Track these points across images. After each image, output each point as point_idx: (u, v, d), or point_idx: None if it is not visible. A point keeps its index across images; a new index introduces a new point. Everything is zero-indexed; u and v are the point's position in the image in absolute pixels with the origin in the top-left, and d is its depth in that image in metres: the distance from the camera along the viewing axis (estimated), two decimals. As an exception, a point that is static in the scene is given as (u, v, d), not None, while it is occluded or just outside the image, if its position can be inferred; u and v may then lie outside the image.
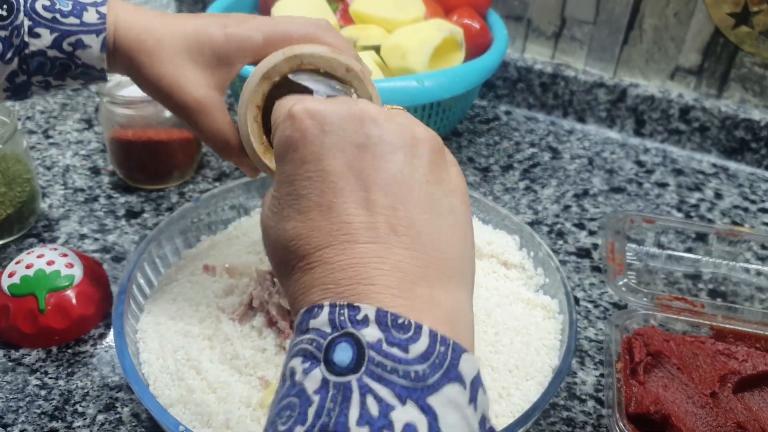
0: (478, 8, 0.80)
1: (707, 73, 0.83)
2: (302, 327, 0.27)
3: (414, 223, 0.30)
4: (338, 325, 0.26)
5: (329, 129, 0.31)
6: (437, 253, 0.29)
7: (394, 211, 0.30)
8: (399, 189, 0.30)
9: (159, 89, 0.46)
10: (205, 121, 0.47)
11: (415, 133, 0.32)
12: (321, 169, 0.31)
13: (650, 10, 0.82)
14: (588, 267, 0.66)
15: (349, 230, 0.29)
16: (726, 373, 0.50)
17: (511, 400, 0.47)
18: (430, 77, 0.68)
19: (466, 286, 0.31)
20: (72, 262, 0.56)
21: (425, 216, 0.30)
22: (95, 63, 0.46)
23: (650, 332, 0.52)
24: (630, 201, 0.75)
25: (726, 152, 0.83)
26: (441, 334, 0.26)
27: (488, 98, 0.93)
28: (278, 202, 0.32)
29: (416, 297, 0.28)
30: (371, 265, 0.28)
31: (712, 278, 0.64)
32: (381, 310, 0.26)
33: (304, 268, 0.30)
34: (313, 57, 0.42)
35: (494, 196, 0.75)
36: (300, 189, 0.31)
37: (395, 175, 0.30)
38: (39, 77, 0.46)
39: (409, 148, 0.31)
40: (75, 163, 0.76)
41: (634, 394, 0.48)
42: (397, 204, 0.30)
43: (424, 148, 0.31)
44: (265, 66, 0.42)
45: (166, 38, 0.45)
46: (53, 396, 0.51)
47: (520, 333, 0.52)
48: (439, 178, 0.31)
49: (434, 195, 0.31)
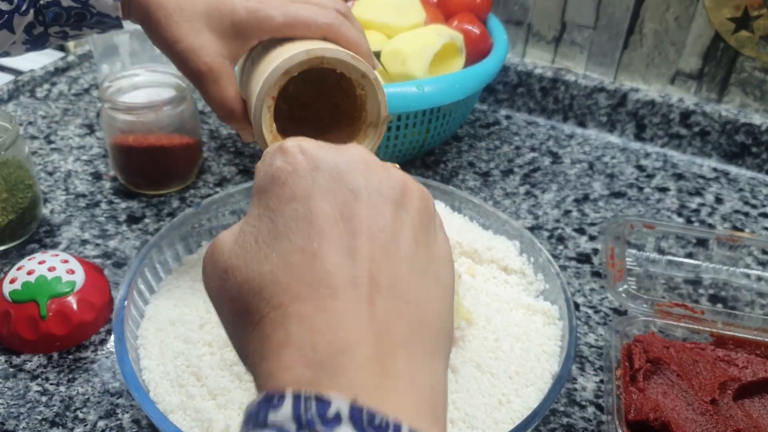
0: (479, 13, 0.80)
1: (708, 78, 0.83)
2: (259, 420, 0.23)
3: (399, 281, 0.27)
4: (305, 424, 0.22)
5: (323, 168, 0.28)
6: (421, 318, 0.27)
7: (379, 266, 0.27)
8: (387, 244, 0.27)
9: (174, 51, 0.47)
10: (214, 89, 0.47)
11: (408, 187, 0.29)
12: (310, 209, 0.28)
13: (650, 15, 0.82)
14: (588, 272, 0.66)
15: (331, 283, 0.26)
16: (726, 379, 0.50)
17: (511, 406, 0.47)
18: (430, 83, 0.68)
19: (445, 360, 0.28)
20: (73, 268, 0.56)
21: (411, 276, 0.27)
22: (110, 11, 0.47)
23: (650, 339, 0.52)
24: (630, 206, 0.75)
25: (726, 157, 0.83)
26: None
27: (488, 103, 0.93)
28: (254, 240, 0.28)
29: (397, 375, 0.25)
30: (352, 329, 0.25)
31: (712, 283, 0.64)
32: (355, 407, 0.22)
33: (276, 321, 0.26)
34: (334, 60, 0.43)
35: (494, 201, 0.75)
36: (283, 228, 0.28)
37: (384, 228, 0.28)
38: (56, 28, 0.47)
39: (400, 201, 0.29)
40: (76, 168, 0.77)
41: (633, 400, 0.48)
42: (384, 259, 0.27)
43: (415, 205, 0.29)
44: (288, 63, 0.43)
45: (187, 0, 0.46)
46: (54, 402, 0.51)
47: (521, 339, 0.52)
48: (427, 241, 0.29)
49: (421, 256, 0.28)
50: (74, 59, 0.98)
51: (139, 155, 0.70)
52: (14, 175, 0.63)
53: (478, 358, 0.50)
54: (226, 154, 0.80)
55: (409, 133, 0.72)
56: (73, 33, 0.48)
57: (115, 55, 0.82)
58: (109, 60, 0.83)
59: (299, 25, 0.45)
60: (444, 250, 0.30)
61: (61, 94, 0.91)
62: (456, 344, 0.51)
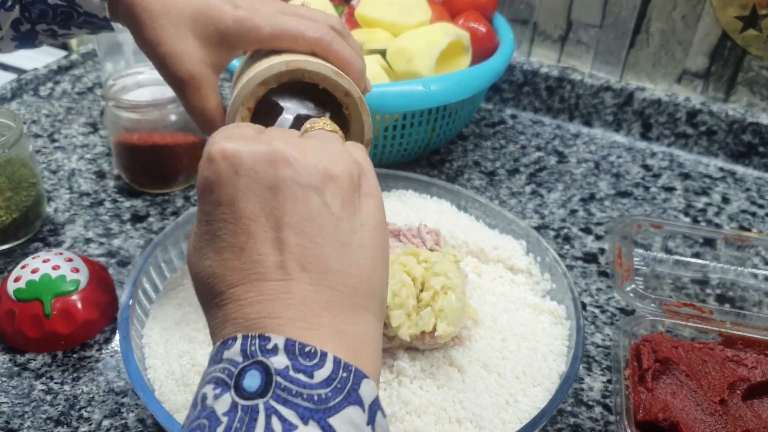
0: (485, 12, 0.80)
1: (714, 77, 0.82)
2: (216, 358, 0.29)
3: (322, 260, 0.31)
4: (249, 355, 0.28)
5: (242, 172, 0.32)
6: (343, 287, 0.31)
7: (303, 249, 0.31)
8: (309, 228, 0.31)
9: (156, 54, 0.45)
10: (195, 98, 0.46)
11: (329, 170, 0.32)
12: (234, 211, 0.31)
13: (657, 14, 0.81)
14: (595, 272, 0.65)
15: (259, 269, 0.31)
16: (735, 380, 0.49)
17: (518, 406, 0.47)
18: (436, 81, 0.68)
19: (375, 315, 0.32)
20: (77, 267, 0.56)
21: (334, 251, 0.31)
22: (97, 11, 0.46)
23: (658, 338, 0.52)
24: (637, 205, 0.75)
25: (733, 156, 0.82)
26: (344, 360, 0.28)
27: (494, 101, 0.92)
28: (198, 240, 0.33)
29: (321, 327, 0.30)
30: (278, 300, 0.30)
31: (719, 283, 0.64)
32: (290, 340, 0.28)
33: (219, 304, 0.31)
34: (315, 74, 0.42)
35: (500, 200, 0.74)
36: (216, 229, 0.32)
37: (305, 215, 0.31)
38: (43, 25, 0.47)
39: (320, 186, 0.32)
40: (80, 167, 0.76)
41: (642, 401, 0.47)
42: (307, 242, 0.31)
43: (336, 185, 0.32)
44: (266, 73, 0.42)
45: (174, 4, 0.45)
46: (59, 401, 0.51)
47: (527, 339, 0.52)
48: (350, 213, 0.32)
49: (344, 229, 0.32)
50: (78, 57, 0.98)
51: (144, 154, 0.70)
52: (18, 174, 0.63)
53: (485, 357, 0.50)
54: (230, 153, 0.79)
55: (414, 132, 0.72)
56: (62, 32, 0.48)
57: (119, 53, 0.82)
58: (113, 58, 0.83)
59: (286, 38, 0.44)
60: (368, 215, 0.33)
61: (64, 93, 0.91)
62: (462, 344, 0.50)
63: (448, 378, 0.48)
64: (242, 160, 0.32)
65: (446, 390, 0.47)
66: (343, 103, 0.43)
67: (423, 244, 0.54)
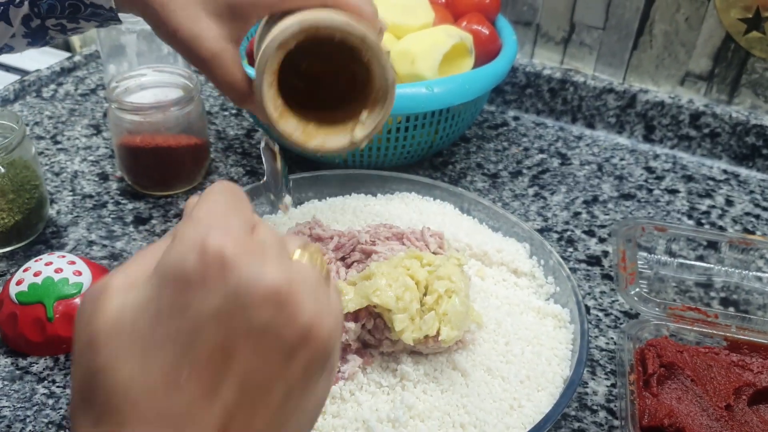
0: (487, 14, 0.80)
1: (718, 79, 0.82)
2: None
3: (250, 430, 0.26)
4: None
5: (229, 294, 0.25)
6: None
7: (235, 411, 0.25)
8: (254, 392, 0.26)
9: (176, 40, 0.46)
10: (221, 74, 0.46)
11: (312, 333, 0.26)
12: (194, 334, 0.24)
13: (660, 16, 0.81)
14: (598, 275, 0.65)
15: (177, 421, 0.25)
16: (741, 385, 0.49)
17: (522, 411, 0.47)
18: (439, 83, 0.67)
19: None
20: (80, 270, 0.56)
21: (267, 427, 0.27)
22: (103, 2, 0.46)
23: (663, 343, 0.52)
24: (640, 207, 0.74)
25: (737, 158, 0.82)
26: None
27: (497, 103, 0.92)
28: (131, 324, 0.25)
29: None
30: None
31: (724, 287, 0.64)
32: None
33: (109, 422, 0.24)
34: (328, 28, 0.42)
35: (503, 203, 0.74)
36: (160, 338, 0.25)
37: (258, 377, 0.26)
38: (52, 20, 0.47)
39: (293, 350, 0.26)
40: (83, 169, 0.76)
41: (647, 406, 0.47)
42: (244, 406, 0.26)
43: (310, 351, 0.26)
44: (282, 36, 0.42)
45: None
46: (61, 405, 0.51)
47: (531, 343, 0.52)
48: (303, 392, 0.27)
49: (288, 409, 0.27)
50: (81, 59, 0.98)
51: (146, 156, 0.70)
52: (21, 176, 0.63)
53: (489, 361, 0.50)
54: (233, 155, 0.79)
55: (417, 134, 0.72)
56: (71, 26, 0.48)
57: (122, 55, 0.81)
58: (116, 60, 0.83)
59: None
60: (318, 399, 0.29)
61: (67, 95, 0.91)
62: (466, 347, 0.50)
63: (452, 382, 0.48)
64: (236, 281, 0.25)
65: (450, 394, 0.47)
66: (361, 48, 0.43)
67: (426, 247, 0.54)
